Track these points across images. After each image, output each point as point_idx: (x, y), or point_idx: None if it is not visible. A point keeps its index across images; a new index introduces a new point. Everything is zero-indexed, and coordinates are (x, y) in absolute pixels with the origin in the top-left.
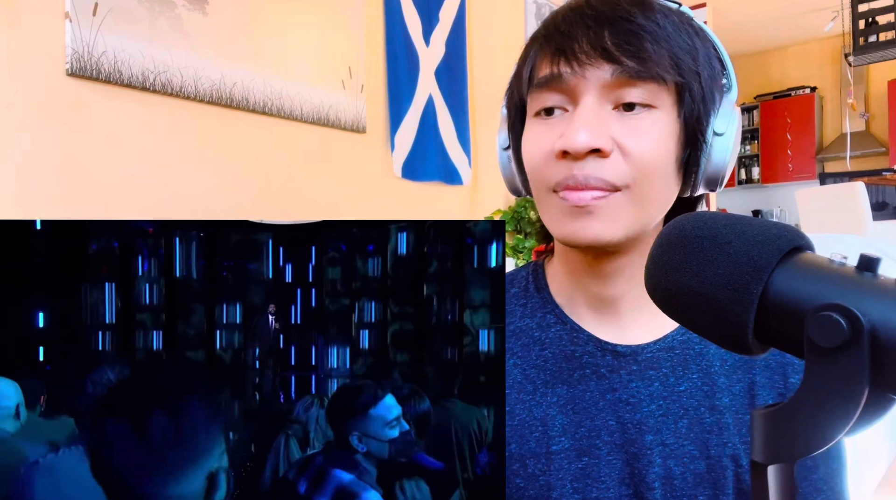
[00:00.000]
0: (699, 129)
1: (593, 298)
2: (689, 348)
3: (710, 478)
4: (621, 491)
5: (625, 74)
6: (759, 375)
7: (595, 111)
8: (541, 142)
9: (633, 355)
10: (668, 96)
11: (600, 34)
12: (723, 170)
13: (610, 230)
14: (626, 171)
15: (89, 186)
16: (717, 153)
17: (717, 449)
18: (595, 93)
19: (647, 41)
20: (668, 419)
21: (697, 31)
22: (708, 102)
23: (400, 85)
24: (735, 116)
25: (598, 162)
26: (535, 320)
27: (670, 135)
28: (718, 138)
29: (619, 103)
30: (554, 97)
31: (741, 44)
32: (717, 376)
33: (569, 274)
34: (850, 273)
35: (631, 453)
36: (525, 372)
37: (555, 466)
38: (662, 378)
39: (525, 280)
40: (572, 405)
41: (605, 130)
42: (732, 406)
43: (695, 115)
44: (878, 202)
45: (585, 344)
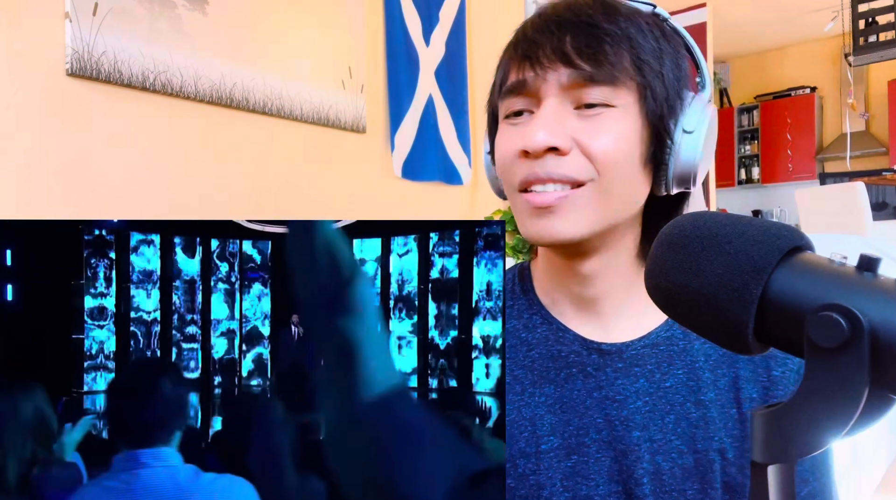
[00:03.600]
0: (663, 126)
1: (576, 298)
2: (673, 344)
3: (697, 472)
4: (611, 488)
5: (581, 77)
6: (743, 368)
7: (555, 111)
8: (507, 143)
9: (618, 353)
10: (629, 95)
11: (563, 39)
12: (693, 167)
13: (573, 228)
14: (586, 167)
15: (89, 186)
16: (686, 150)
17: (703, 443)
18: (555, 94)
19: (606, 44)
20: (654, 415)
21: (666, 33)
22: (672, 100)
23: (400, 85)
24: (707, 114)
25: (557, 160)
26: (522, 321)
27: (632, 132)
28: (688, 136)
29: (579, 103)
30: (520, 101)
31: (741, 44)
32: (701, 371)
33: (551, 275)
34: (850, 273)
35: (619, 449)
36: (513, 373)
37: (544, 465)
38: (648, 375)
39: (511, 282)
40: (560, 404)
41: (564, 129)
42: (718, 400)
43: (657, 113)
44: (878, 202)
45: (571, 343)
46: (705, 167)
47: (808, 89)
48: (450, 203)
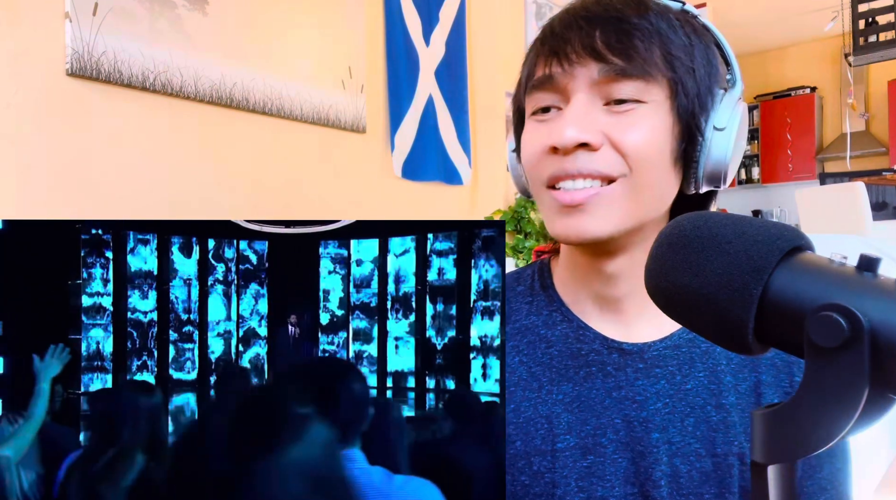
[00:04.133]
0: (694, 123)
1: (598, 297)
2: (695, 346)
3: (716, 476)
4: (627, 489)
5: (612, 72)
6: (765, 373)
7: (585, 107)
8: (535, 140)
9: (640, 353)
10: (660, 91)
11: (591, 34)
12: (724, 165)
13: (602, 226)
14: (618, 162)
15: (89, 186)
16: (716, 148)
17: (723, 447)
18: (585, 90)
19: (637, 39)
20: (674, 417)
21: (697, 29)
22: (704, 97)
23: (400, 85)
24: (738, 112)
25: (588, 155)
26: (542, 317)
27: (663, 128)
28: (718, 133)
29: (609, 99)
30: (548, 97)
31: (741, 44)
32: (723, 374)
33: (573, 273)
34: (850, 273)
35: (637, 451)
36: (531, 370)
37: (560, 464)
38: (668, 376)
39: (531, 278)
40: (578, 403)
41: (594, 125)
42: (738, 405)
43: (689, 109)
44: (878, 202)
45: (592, 342)
46: (735, 166)
47: (808, 89)
48: (450, 203)
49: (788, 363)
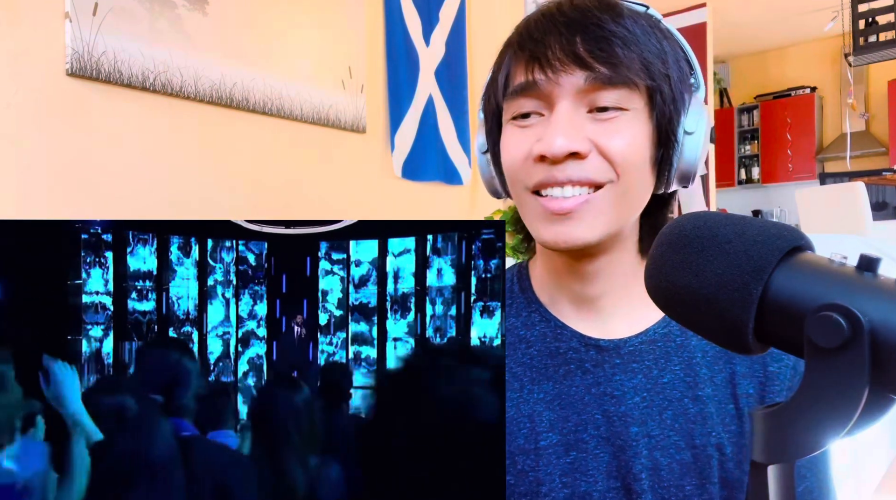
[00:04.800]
0: (671, 129)
1: (575, 296)
2: (670, 340)
3: (696, 467)
4: (609, 484)
5: (598, 80)
6: (740, 364)
7: (570, 116)
8: (518, 146)
9: (616, 349)
10: (640, 99)
11: (573, 41)
12: (695, 166)
13: (590, 233)
14: (605, 169)
15: (89, 186)
16: (688, 151)
17: (701, 439)
18: (570, 98)
19: (617, 46)
20: (652, 411)
21: (665, 34)
22: (678, 102)
23: (400, 85)
24: (703, 114)
25: (578, 164)
26: (521, 319)
27: (643, 135)
28: (689, 137)
29: (593, 107)
30: (530, 103)
31: (741, 44)
32: (698, 367)
33: (551, 274)
34: (850, 273)
35: (617, 445)
36: (512, 370)
37: (543, 461)
38: (645, 371)
39: (510, 281)
40: (559, 401)
41: (581, 133)
42: (715, 396)
43: (666, 116)
44: (878, 202)
45: (569, 340)
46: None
47: (808, 89)
48: (450, 203)
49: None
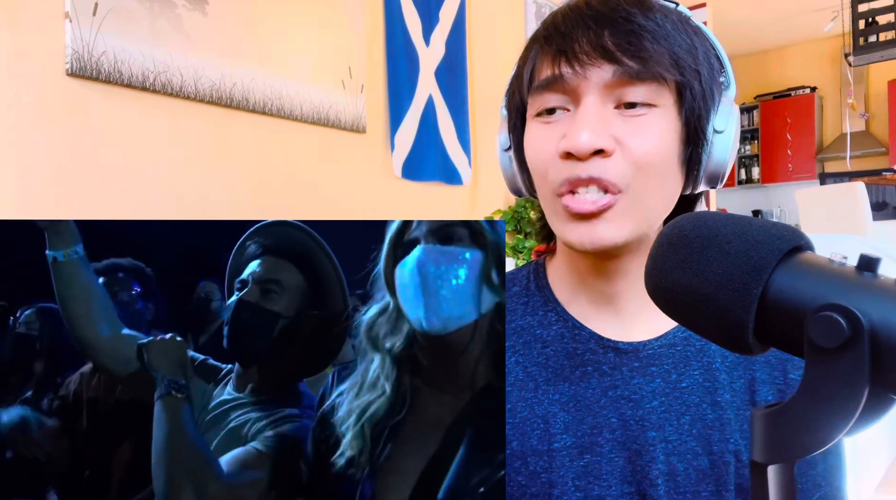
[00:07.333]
0: (700, 126)
1: (597, 295)
2: (690, 344)
3: (712, 474)
4: (624, 489)
5: (626, 74)
6: (760, 371)
7: (597, 111)
8: (543, 143)
9: (635, 352)
10: (669, 95)
11: (600, 34)
12: (724, 167)
13: (617, 234)
14: (627, 170)
15: (89, 185)
16: (717, 150)
17: (719, 445)
18: (597, 93)
19: (646, 40)
20: (670, 416)
21: (695, 30)
22: (708, 99)
23: (400, 85)
24: (734, 113)
25: (602, 162)
26: (537, 318)
27: (672, 132)
28: (719, 135)
29: (620, 102)
30: (555, 98)
31: (741, 44)
32: (718, 372)
33: (572, 273)
34: (850, 273)
35: (633, 450)
36: (527, 370)
37: (557, 463)
38: (664, 375)
39: (526, 279)
40: (574, 403)
41: (607, 130)
42: (733, 402)
43: (696, 112)
44: (878, 202)
45: (587, 341)
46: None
47: (808, 89)
48: (450, 203)
49: (782, 361)
